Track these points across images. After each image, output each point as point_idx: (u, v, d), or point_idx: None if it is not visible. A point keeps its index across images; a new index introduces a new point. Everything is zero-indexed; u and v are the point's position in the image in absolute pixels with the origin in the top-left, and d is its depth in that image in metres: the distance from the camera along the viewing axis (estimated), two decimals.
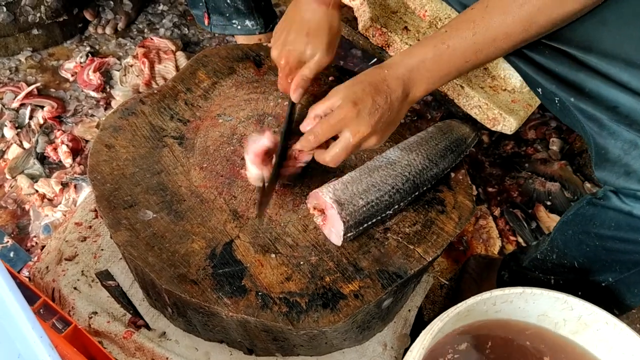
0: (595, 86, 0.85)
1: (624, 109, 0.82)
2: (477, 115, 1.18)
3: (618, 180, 0.86)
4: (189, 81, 1.21)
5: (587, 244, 0.98)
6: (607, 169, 0.87)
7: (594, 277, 1.02)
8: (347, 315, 0.91)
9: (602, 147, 0.87)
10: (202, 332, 1.04)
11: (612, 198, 0.89)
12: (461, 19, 0.88)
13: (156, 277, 0.91)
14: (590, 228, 0.96)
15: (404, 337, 1.12)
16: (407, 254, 0.99)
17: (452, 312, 0.84)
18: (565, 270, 1.05)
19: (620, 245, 0.93)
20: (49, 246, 1.21)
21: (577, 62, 0.87)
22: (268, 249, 0.97)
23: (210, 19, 1.50)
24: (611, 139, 0.85)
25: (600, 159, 0.88)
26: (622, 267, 0.96)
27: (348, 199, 0.95)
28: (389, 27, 1.23)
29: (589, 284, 1.03)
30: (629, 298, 1.02)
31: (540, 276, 1.12)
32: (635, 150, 0.83)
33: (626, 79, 0.81)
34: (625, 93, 0.82)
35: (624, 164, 0.84)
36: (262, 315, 0.90)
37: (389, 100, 0.90)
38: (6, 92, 1.73)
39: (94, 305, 1.06)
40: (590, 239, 0.97)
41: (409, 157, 1.03)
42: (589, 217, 0.96)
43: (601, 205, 0.92)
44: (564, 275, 1.07)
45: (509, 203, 1.68)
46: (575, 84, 0.88)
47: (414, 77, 0.91)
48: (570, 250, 1.02)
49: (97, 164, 1.05)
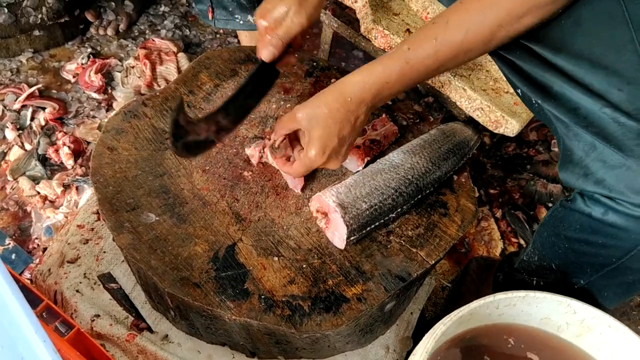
0: (560, 88, 0.85)
1: (584, 110, 0.83)
2: (479, 117, 1.18)
3: (578, 181, 0.87)
4: (192, 83, 1.21)
5: (559, 246, 0.99)
6: (569, 169, 0.89)
7: (570, 279, 1.03)
8: (350, 318, 0.91)
9: (569, 149, 0.88)
10: (204, 335, 1.04)
11: (577, 200, 0.91)
12: (423, 35, 0.89)
13: (159, 280, 0.91)
14: (560, 230, 0.97)
15: (407, 339, 1.12)
16: (410, 257, 0.98)
17: (455, 316, 0.84)
18: (546, 272, 1.06)
19: (585, 247, 0.94)
20: (51, 248, 1.20)
21: (546, 62, 0.87)
22: (271, 252, 0.97)
23: (214, 13, 1.50)
24: (575, 141, 0.86)
25: (564, 160, 0.90)
26: (591, 270, 0.98)
27: (351, 202, 0.95)
28: (391, 29, 1.23)
29: (566, 285, 1.04)
30: (602, 301, 1.03)
31: (526, 277, 1.13)
32: (594, 153, 0.84)
33: (589, 81, 0.82)
34: (586, 95, 0.82)
35: (584, 165, 0.85)
36: (265, 318, 0.89)
37: (354, 129, 0.94)
38: (7, 94, 1.73)
39: (96, 308, 1.06)
40: (561, 241, 0.98)
41: (412, 160, 1.03)
42: (560, 219, 0.97)
43: (569, 208, 0.94)
44: (545, 277, 1.08)
45: (511, 205, 1.68)
46: (543, 85, 0.88)
47: (377, 96, 0.92)
48: (547, 252, 1.04)
49: (100, 167, 1.04)
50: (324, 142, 0.92)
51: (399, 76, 0.90)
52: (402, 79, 0.91)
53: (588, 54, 0.82)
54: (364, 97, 0.91)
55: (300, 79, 1.24)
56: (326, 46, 1.52)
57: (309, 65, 1.28)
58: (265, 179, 1.07)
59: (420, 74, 0.90)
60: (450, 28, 0.86)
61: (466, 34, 0.84)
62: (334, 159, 0.95)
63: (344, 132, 0.93)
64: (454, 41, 0.86)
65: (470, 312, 0.86)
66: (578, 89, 0.82)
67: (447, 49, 0.86)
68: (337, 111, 0.91)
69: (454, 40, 0.85)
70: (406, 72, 0.90)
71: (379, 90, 0.91)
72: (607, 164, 0.82)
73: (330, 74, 1.25)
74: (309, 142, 0.93)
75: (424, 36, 0.89)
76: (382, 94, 0.93)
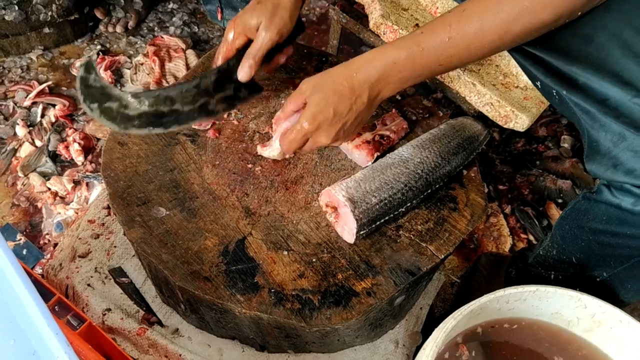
0: (587, 79, 0.84)
1: (613, 101, 0.82)
2: (488, 112, 1.18)
3: (606, 172, 0.86)
4: None
5: (582, 239, 0.98)
6: (597, 161, 0.87)
7: (590, 273, 1.02)
8: (359, 312, 0.91)
9: (595, 140, 0.87)
10: (214, 328, 1.04)
11: (604, 192, 0.90)
12: (438, 22, 0.88)
13: (170, 274, 0.92)
14: (584, 222, 0.96)
15: (416, 334, 1.12)
16: (420, 251, 0.98)
17: (466, 310, 0.84)
18: (565, 266, 1.05)
19: (611, 239, 0.93)
20: (62, 243, 1.21)
21: (572, 53, 0.86)
22: (280, 246, 0.97)
23: (223, 13, 1.50)
24: (602, 132, 0.85)
25: (591, 152, 0.88)
26: (615, 262, 0.97)
27: (361, 196, 0.95)
28: (400, 24, 1.23)
29: (586, 279, 1.03)
30: (623, 294, 1.02)
31: (542, 272, 1.12)
32: (623, 143, 0.83)
33: (619, 69, 0.81)
34: (615, 85, 0.81)
35: (612, 156, 0.84)
36: (275, 312, 0.90)
37: (353, 108, 0.91)
38: (18, 91, 1.74)
39: (107, 302, 1.07)
40: (585, 233, 0.97)
41: (421, 155, 1.03)
42: (583, 212, 0.96)
43: (594, 200, 0.92)
44: (563, 270, 1.07)
45: (520, 201, 1.67)
46: (569, 76, 0.87)
47: (384, 79, 0.90)
48: (567, 246, 1.02)
49: (111, 162, 1.05)
50: (319, 108, 0.91)
51: (408, 59, 0.88)
52: (412, 64, 0.89)
53: (618, 41, 0.81)
54: (370, 76, 0.90)
55: (309, 75, 1.24)
56: (334, 42, 1.52)
57: (318, 60, 1.28)
58: (275, 173, 1.07)
59: (430, 61, 0.88)
60: (466, 17, 0.84)
61: (481, 24, 0.83)
62: (324, 130, 0.92)
63: (341, 107, 0.91)
64: (468, 30, 0.84)
65: (481, 306, 0.86)
66: (607, 79, 0.81)
67: (460, 38, 0.85)
68: (339, 83, 0.90)
69: (469, 29, 0.84)
70: (416, 56, 0.88)
71: (386, 71, 0.89)
72: (638, 153, 0.82)
73: None
74: (305, 108, 0.92)
75: (439, 22, 0.87)
76: (389, 77, 0.90)
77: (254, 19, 0.98)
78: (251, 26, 0.98)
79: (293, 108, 0.96)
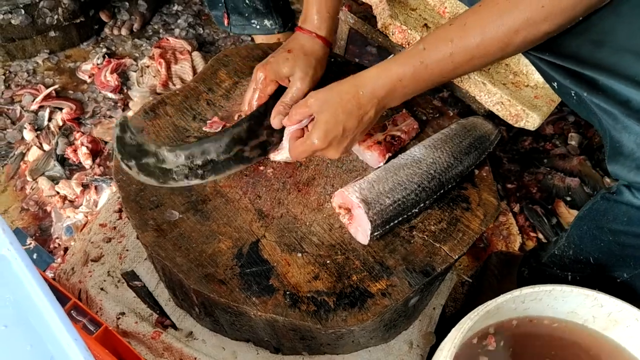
0: (607, 81, 0.84)
1: (635, 103, 0.82)
2: (499, 111, 1.18)
3: (630, 174, 0.86)
4: (210, 81, 1.22)
5: (602, 239, 0.98)
6: (619, 162, 0.87)
7: (610, 273, 1.01)
8: (375, 313, 0.91)
9: (617, 141, 0.86)
10: (229, 331, 1.04)
11: (624, 193, 0.89)
12: (439, 36, 0.89)
13: (184, 278, 0.92)
14: (604, 223, 0.95)
15: (430, 335, 1.12)
16: (433, 252, 0.98)
17: (482, 311, 0.84)
18: (582, 266, 1.05)
19: (633, 240, 0.92)
20: (74, 248, 1.21)
21: (586, 58, 0.86)
22: (294, 248, 0.97)
23: (229, 19, 1.50)
24: (625, 133, 0.84)
25: (614, 153, 0.88)
26: (636, 263, 0.96)
27: (375, 198, 0.95)
28: (409, 25, 1.23)
29: (605, 279, 1.02)
30: None
31: (557, 272, 1.11)
32: None
33: (634, 72, 0.81)
34: (635, 87, 0.81)
35: (636, 157, 0.84)
36: (291, 314, 0.90)
37: (361, 122, 0.94)
38: (25, 95, 1.74)
39: (121, 306, 1.07)
40: (604, 234, 0.97)
41: (434, 155, 1.03)
42: (603, 212, 0.96)
43: (614, 200, 0.92)
44: (580, 271, 1.06)
45: (528, 199, 1.67)
46: (589, 78, 0.87)
47: (390, 94, 0.93)
48: (585, 246, 1.02)
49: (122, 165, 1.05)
50: (328, 127, 0.92)
51: (413, 76, 0.90)
52: (416, 79, 0.91)
53: (632, 44, 0.81)
54: (376, 93, 0.92)
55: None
56: (342, 42, 1.52)
57: (327, 61, 1.28)
58: (287, 175, 1.07)
59: (434, 75, 0.90)
60: (467, 31, 0.85)
61: (483, 38, 0.84)
62: (334, 147, 0.95)
63: (350, 124, 0.93)
64: (469, 45, 0.85)
65: (497, 306, 0.86)
66: (625, 82, 0.81)
67: (462, 52, 0.86)
68: (347, 102, 0.92)
69: (470, 44, 0.85)
70: (421, 72, 0.90)
71: (392, 88, 0.92)
72: None
73: (348, 70, 1.25)
74: (315, 124, 0.94)
75: (441, 37, 0.88)
76: (395, 93, 0.93)
77: (287, 68, 1.02)
78: (284, 75, 1.02)
79: (299, 118, 0.98)
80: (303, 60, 1.03)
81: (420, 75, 0.90)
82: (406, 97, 0.95)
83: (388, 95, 0.93)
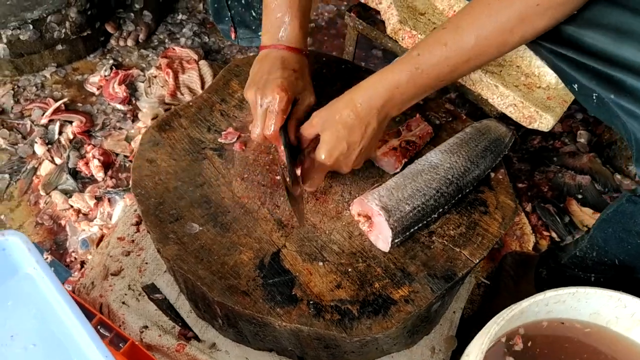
0: (634, 81, 0.83)
1: None
2: (512, 113, 1.18)
3: None
4: (223, 92, 1.22)
5: (628, 242, 0.97)
6: None
7: (636, 275, 1.01)
8: (399, 320, 0.91)
9: None
10: (252, 341, 1.05)
11: None
12: (433, 40, 0.88)
13: (208, 290, 0.92)
14: (631, 226, 0.95)
15: (451, 339, 1.13)
16: (454, 256, 0.99)
17: (508, 315, 0.85)
18: (606, 268, 1.05)
19: None
20: (92, 262, 1.22)
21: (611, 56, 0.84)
22: (315, 257, 0.98)
23: (236, 32, 1.50)
24: None
25: None
26: None
27: (394, 205, 0.95)
28: (419, 29, 1.23)
29: (631, 281, 1.02)
30: None
31: (579, 274, 1.11)
32: None
33: None
34: None
35: None
36: (316, 324, 0.90)
37: (365, 136, 0.94)
38: (34, 109, 1.75)
39: (143, 319, 1.07)
40: (632, 237, 0.96)
41: (450, 160, 1.03)
42: (630, 215, 0.95)
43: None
44: (604, 273, 1.06)
45: (540, 198, 1.67)
46: (614, 79, 0.86)
47: (388, 102, 0.93)
48: (610, 248, 1.02)
49: (140, 179, 1.05)
50: (332, 145, 0.93)
51: (409, 82, 0.90)
52: (414, 85, 0.91)
53: None
54: (374, 103, 0.92)
55: (328, 83, 1.24)
56: (350, 48, 1.52)
57: (337, 68, 1.28)
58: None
59: (431, 79, 0.90)
60: (460, 33, 0.85)
61: (477, 40, 0.84)
62: (342, 162, 0.96)
63: (353, 138, 0.94)
64: (464, 47, 0.85)
65: (522, 310, 0.86)
66: None
67: (458, 55, 0.86)
68: (347, 116, 0.93)
69: (465, 46, 0.85)
70: (417, 78, 0.90)
71: (390, 96, 0.92)
72: None
73: (359, 75, 1.25)
74: (320, 144, 0.95)
75: (434, 41, 0.88)
76: (394, 100, 0.93)
77: (300, 87, 1.02)
78: (299, 90, 1.02)
79: (307, 137, 1.00)
80: (306, 77, 1.05)
81: (416, 81, 0.90)
82: (406, 104, 0.95)
83: (386, 104, 0.93)
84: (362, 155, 0.98)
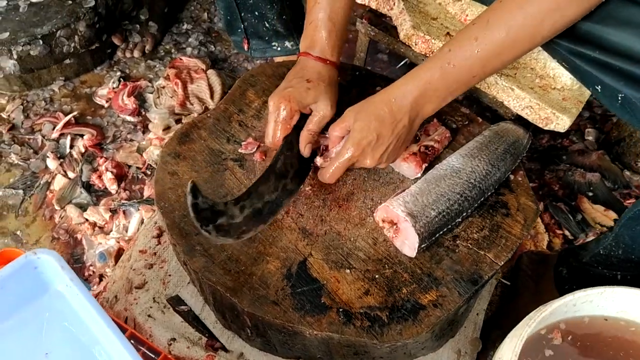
0: None
1: None
2: (528, 115, 1.19)
3: None
4: (240, 102, 1.23)
5: None
6: None
7: None
8: (429, 325, 0.92)
9: None
10: (280, 350, 1.05)
11: None
12: (464, 36, 0.90)
13: (238, 302, 0.92)
14: None
15: (476, 341, 1.13)
16: (479, 259, 0.99)
17: (539, 317, 0.85)
18: (632, 265, 1.06)
19: None
20: (114, 275, 1.22)
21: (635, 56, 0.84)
22: (342, 265, 0.98)
23: (249, 44, 1.51)
24: None
25: None
26: None
27: (420, 210, 0.96)
28: (432, 34, 1.24)
29: None
30: None
31: (604, 272, 1.12)
32: None
33: None
34: None
35: None
36: (346, 331, 0.91)
37: (395, 132, 0.96)
38: (44, 123, 1.75)
39: (170, 332, 1.08)
40: None
41: (472, 164, 1.04)
42: None
43: None
44: (631, 270, 1.07)
45: (551, 197, 1.68)
46: None
47: (421, 99, 0.95)
48: (638, 246, 1.02)
49: (164, 192, 1.06)
50: (363, 134, 0.95)
51: (441, 77, 0.92)
52: (446, 80, 0.92)
53: None
54: (407, 99, 0.94)
55: (345, 90, 1.25)
56: (362, 54, 1.53)
57: (352, 75, 1.29)
58: (326, 192, 1.08)
59: (463, 74, 0.91)
60: (490, 27, 0.86)
61: (508, 32, 0.85)
62: (369, 154, 0.97)
63: (383, 131, 0.95)
64: (495, 40, 0.86)
65: (552, 311, 0.87)
66: None
67: (489, 48, 0.87)
68: (380, 109, 0.95)
69: (496, 39, 0.86)
70: (449, 73, 0.91)
71: (422, 92, 0.93)
72: None
73: (374, 82, 1.26)
74: (349, 134, 0.96)
75: (465, 37, 0.90)
76: (426, 97, 0.94)
77: (310, 98, 1.02)
78: (307, 105, 1.03)
79: (339, 134, 1.00)
80: (323, 88, 1.03)
81: (449, 76, 0.92)
82: (438, 101, 0.96)
83: (419, 100, 0.94)
84: (390, 153, 0.99)
